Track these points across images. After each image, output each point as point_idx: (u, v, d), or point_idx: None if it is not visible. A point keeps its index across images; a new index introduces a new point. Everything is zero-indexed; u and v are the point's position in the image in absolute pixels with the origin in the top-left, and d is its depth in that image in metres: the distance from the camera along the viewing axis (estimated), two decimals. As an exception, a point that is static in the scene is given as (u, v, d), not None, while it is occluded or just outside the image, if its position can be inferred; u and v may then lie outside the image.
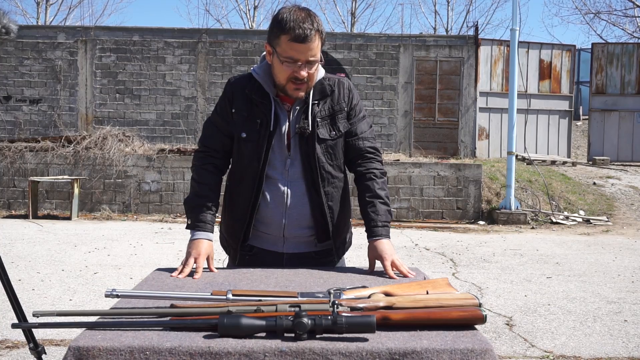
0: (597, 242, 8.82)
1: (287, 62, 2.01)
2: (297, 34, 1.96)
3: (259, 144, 2.11)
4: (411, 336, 1.35)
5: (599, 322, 4.65)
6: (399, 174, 11.00)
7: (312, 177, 2.14)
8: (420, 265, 6.68)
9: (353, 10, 27.43)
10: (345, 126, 2.19)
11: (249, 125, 2.13)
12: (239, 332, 1.32)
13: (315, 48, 2.01)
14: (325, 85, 2.16)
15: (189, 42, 13.91)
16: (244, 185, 2.17)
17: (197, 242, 2.10)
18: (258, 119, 2.12)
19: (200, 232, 2.12)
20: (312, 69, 2.04)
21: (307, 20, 1.98)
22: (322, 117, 2.14)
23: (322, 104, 2.15)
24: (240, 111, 2.15)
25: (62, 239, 8.26)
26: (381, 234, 2.14)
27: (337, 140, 2.17)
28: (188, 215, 2.17)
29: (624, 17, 25.46)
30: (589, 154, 15.05)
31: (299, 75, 2.02)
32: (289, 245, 2.21)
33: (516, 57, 10.78)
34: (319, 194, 2.15)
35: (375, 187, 2.21)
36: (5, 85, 13.80)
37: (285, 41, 1.99)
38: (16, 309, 1.95)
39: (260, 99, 2.12)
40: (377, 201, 2.19)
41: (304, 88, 2.08)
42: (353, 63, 13.94)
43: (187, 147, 11.68)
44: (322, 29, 2.03)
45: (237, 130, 2.16)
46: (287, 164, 2.14)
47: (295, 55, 2.00)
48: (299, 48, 1.98)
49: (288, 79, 2.04)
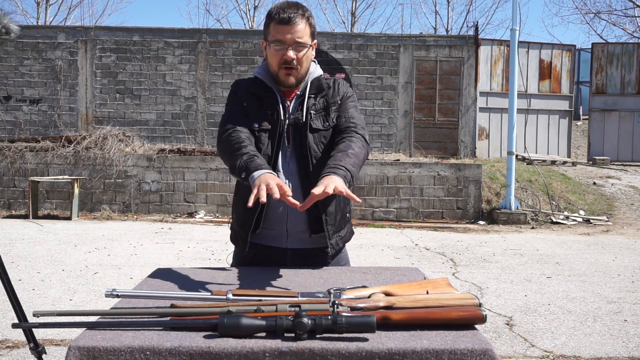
0: (597, 242, 8.82)
1: (275, 45, 2.12)
2: (281, 17, 2.10)
3: (271, 135, 2.16)
4: (411, 336, 1.35)
5: (599, 321, 4.65)
6: (399, 174, 11.00)
7: (305, 168, 2.15)
8: (420, 265, 6.68)
9: (353, 10, 27.43)
10: (336, 116, 2.23)
11: (260, 117, 2.17)
12: (239, 332, 1.32)
13: (301, 31, 2.11)
14: (323, 82, 2.24)
15: (189, 42, 13.91)
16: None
17: (266, 175, 1.87)
18: (268, 110, 2.18)
19: (263, 170, 1.92)
20: (300, 53, 2.13)
21: (292, 7, 2.12)
22: (316, 109, 2.20)
23: (317, 98, 2.22)
24: (251, 106, 2.20)
25: (62, 239, 8.26)
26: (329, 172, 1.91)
27: (329, 131, 2.20)
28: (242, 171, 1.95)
29: (624, 17, 25.49)
30: (589, 154, 15.05)
31: (287, 57, 2.10)
32: (292, 240, 2.21)
33: (516, 57, 10.78)
34: (311, 185, 2.03)
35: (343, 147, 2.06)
36: (6, 85, 13.80)
37: (273, 26, 2.12)
38: (16, 309, 1.95)
39: (266, 93, 2.20)
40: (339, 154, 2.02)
41: (294, 73, 2.15)
42: (353, 63, 13.94)
43: (187, 147, 11.68)
44: (309, 16, 2.15)
45: (252, 120, 2.17)
46: (287, 155, 2.17)
47: (281, 37, 2.10)
48: (284, 30, 2.09)
49: (279, 65, 2.13)
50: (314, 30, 2.18)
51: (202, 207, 11.01)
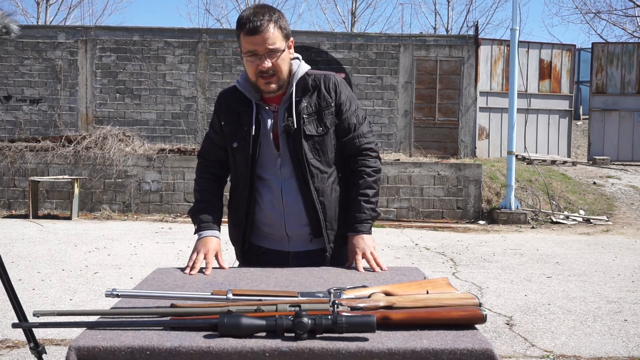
0: (597, 241, 8.81)
1: (248, 57, 2.07)
2: (248, 28, 2.02)
3: (246, 150, 2.16)
4: (411, 336, 1.35)
5: (599, 321, 4.65)
6: (399, 173, 11.00)
7: (302, 174, 2.15)
8: (420, 265, 6.68)
9: (353, 10, 27.42)
10: (332, 122, 2.19)
11: (238, 135, 2.18)
12: (239, 332, 1.32)
13: (272, 37, 2.04)
14: (309, 81, 2.18)
15: (189, 42, 13.91)
16: (239, 192, 2.24)
17: (204, 239, 2.15)
18: (245, 126, 2.16)
19: (206, 230, 2.18)
20: (275, 59, 2.07)
21: (258, 14, 2.03)
22: (308, 113, 2.15)
23: (307, 100, 2.16)
24: (229, 123, 2.21)
25: (62, 238, 8.26)
26: (359, 229, 2.18)
27: (324, 137, 2.17)
28: (194, 221, 2.22)
29: (624, 17, 25.50)
30: (589, 154, 15.05)
31: (262, 67, 2.06)
32: (294, 243, 2.23)
33: (516, 56, 10.78)
34: (310, 190, 2.16)
35: (363, 185, 2.24)
36: (6, 85, 13.80)
37: (243, 37, 2.06)
38: (16, 309, 1.95)
39: (243, 106, 2.17)
40: (361, 199, 2.22)
41: (274, 80, 2.11)
42: (353, 63, 13.94)
43: (187, 147, 11.68)
44: (278, 19, 2.06)
45: (229, 141, 2.22)
46: (278, 163, 2.16)
47: (252, 48, 2.05)
48: (253, 40, 2.04)
49: (256, 75, 2.09)
50: (287, 31, 2.10)
51: (202, 206, 11.00)
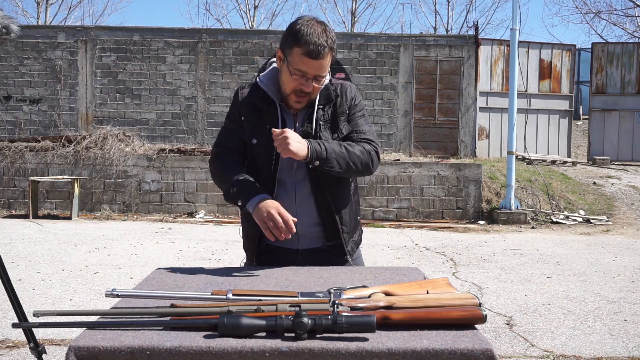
0: (597, 241, 8.81)
1: (296, 75, 2.05)
2: (310, 50, 1.99)
3: (269, 149, 2.13)
4: (411, 336, 1.35)
5: (599, 321, 4.65)
6: (399, 173, 11.00)
7: (316, 179, 2.17)
8: (420, 265, 6.68)
9: (353, 10, 27.45)
10: (347, 128, 2.22)
11: (258, 132, 2.17)
12: (239, 332, 1.32)
13: (326, 65, 2.05)
14: (331, 91, 2.19)
15: (189, 42, 13.91)
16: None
17: (264, 202, 2.02)
18: (267, 125, 2.14)
19: (259, 196, 2.06)
20: (319, 84, 2.09)
21: (322, 36, 2.00)
22: (324, 120, 2.18)
23: (326, 108, 2.18)
24: (249, 119, 2.19)
25: (62, 238, 8.26)
26: (309, 137, 2.08)
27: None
28: (238, 198, 2.09)
29: (624, 17, 25.53)
30: (589, 154, 15.05)
31: (306, 88, 2.06)
32: (303, 241, 2.24)
33: (516, 56, 10.78)
34: (325, 194, 2.18)
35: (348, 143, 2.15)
36: (6, 85, 13.80)
37: (298, 54, 2.01)
38: (16, 309, 1.95)
39: (266, 105, 2.16)
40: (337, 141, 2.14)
41: (305, 101, 2.12)
42: (353, 63, 13.94)
43: (187, 147, 11.68)
44: (334, 46, 2.05)
45: (248, 136, 2.19)
46: (294, 166, 2.17)
47: (305, 69, 2.03)
48: (310, 63, 2.01)
49: (293, 90, 2.08)
50: (335, 54, 2.10)
51: (202, 207, 11.01)
